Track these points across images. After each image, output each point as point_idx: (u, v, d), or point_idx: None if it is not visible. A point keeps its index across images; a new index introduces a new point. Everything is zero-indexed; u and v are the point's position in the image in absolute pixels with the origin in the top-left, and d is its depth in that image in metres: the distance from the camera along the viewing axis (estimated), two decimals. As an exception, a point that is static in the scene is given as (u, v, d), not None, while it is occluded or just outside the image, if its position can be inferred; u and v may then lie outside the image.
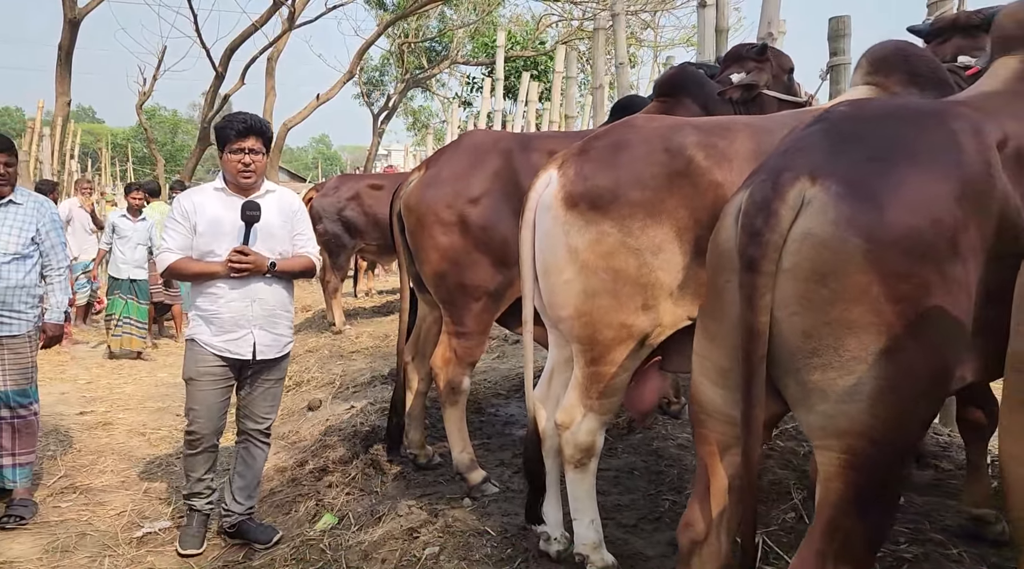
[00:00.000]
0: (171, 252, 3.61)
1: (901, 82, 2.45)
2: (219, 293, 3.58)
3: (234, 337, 3.59)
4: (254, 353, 3.60)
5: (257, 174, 3.61)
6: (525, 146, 3.46)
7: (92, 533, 4.03)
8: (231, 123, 3.64)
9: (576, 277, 2.51)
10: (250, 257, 3.50)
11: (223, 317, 3.59)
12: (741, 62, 4.02)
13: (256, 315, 3.60)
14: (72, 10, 16.76)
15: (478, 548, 2.99)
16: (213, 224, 3.56)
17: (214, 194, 3.66)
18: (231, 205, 3.59)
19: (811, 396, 1.61)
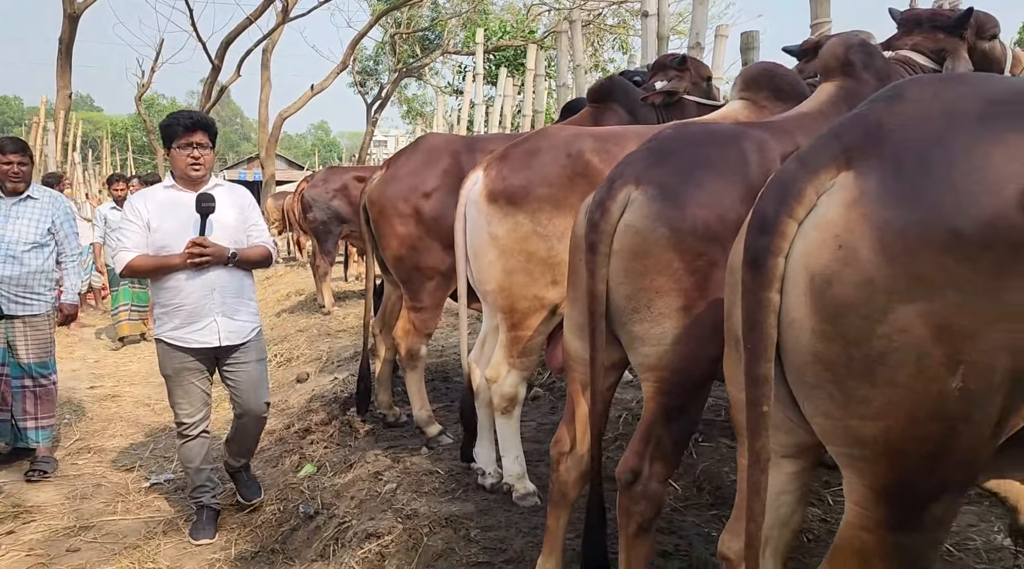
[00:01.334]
0: (127, 251, 3.64)
1: (767, 97, 3.04)
2: (179, 286, 3.64)
3: (199, 327, 3.67)
4: (220, 339, 3.69)
5: (206, 167, 3.71)
6: (471, 147, 4.05)
7: (106, 484, 4.66)
8: (178, 119, 3.72)
9: (497, 259, 3.12)
10: (209, 248, 3.56)
11: (185, 309, 3.65)
12: (664, 71, 4.59)
13: (217, 303, 3.67)
14: (71, 5, 17.26)
15: (428, 484, 3.61)
16: (167, 220, 3.62)
17: (164, 192, 3.75)
18: (183, 200, 3.66)
19: (635, 342, 2.21)
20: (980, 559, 2.49)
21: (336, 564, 3.22)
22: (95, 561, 3.65)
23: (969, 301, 1.24)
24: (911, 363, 1.26)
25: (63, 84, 17.74)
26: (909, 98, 1.40)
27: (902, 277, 1.25)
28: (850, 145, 1.35)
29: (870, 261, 1.26)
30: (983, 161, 1.27)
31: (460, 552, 2.96)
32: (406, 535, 3.16)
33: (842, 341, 1.30)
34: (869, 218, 1.27)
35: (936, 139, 1.31)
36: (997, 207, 1.24)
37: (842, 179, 1.33)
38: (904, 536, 1.40)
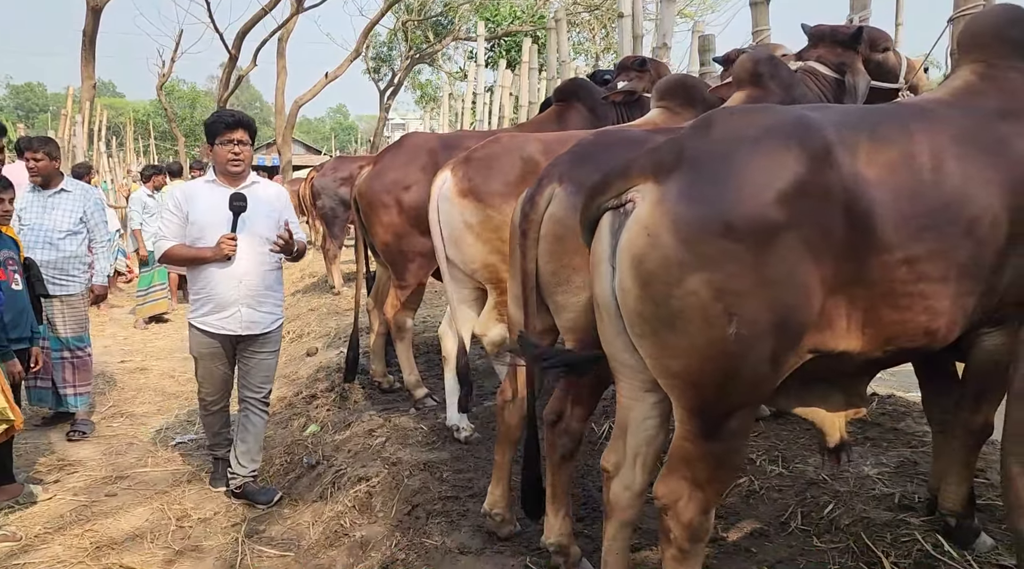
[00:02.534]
0: (166, 240, 3.92)
1: (681, 105, 3.54)
2: (210, 276, 3.90)
3: (225, 315, 3.93)
4: (241, 327, 3.95)
5: (245, 163, 3.95)
6: (447, 146, 4.58)
7: (137, 443, 5.29)
8: (221, 118, 3.96)
9: (475, 243, 3.68)
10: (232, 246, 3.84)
11: (214, 298, 3.91)
12: (627, 71, 5.08)
13: (243, 295, 3.92)
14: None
15: (412, 437, 4.19)
16: (203, 214, 3.88)
17: (205, 186, 3.99)
18: (221, 195, 3.89)
19: (559, 309, 2.75)
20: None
21: (333, 503, 3.82)
22: (129, 504, 4.27)
23: (739, 272, 1.77)
24: (699, 317, 1.80)
25: (87, 74, 18.43)
26: (713, 126, 1.92)
27: (691, 255, 1.78)
28: (661, 161, 1.88)
29: (668, 244, 1.79)
30: (750, 174, 1.79)
31: (433, 490, 3.54)
32: (390, 478, 3.74)
33: (652, 302, 1.83)
34: (668, 214, 1.80)
35: (722, 157, 1.83)
36: (758, 206, 1.77)
37: (651, 186, 1.86)
38: (711, 444, 1.94)
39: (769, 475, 3.18)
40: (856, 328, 1.91)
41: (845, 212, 1.83)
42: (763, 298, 1.79)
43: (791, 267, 1.80)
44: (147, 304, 9.43)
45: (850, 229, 1.83)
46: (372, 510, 3.57)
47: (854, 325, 1.90)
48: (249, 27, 19.00)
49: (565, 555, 2.69)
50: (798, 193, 1.79)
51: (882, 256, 1.85)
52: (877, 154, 1.89)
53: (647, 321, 1.88)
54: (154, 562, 3.61)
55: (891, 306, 1.89)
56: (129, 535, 3.89)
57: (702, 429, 1.93)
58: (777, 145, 1.83)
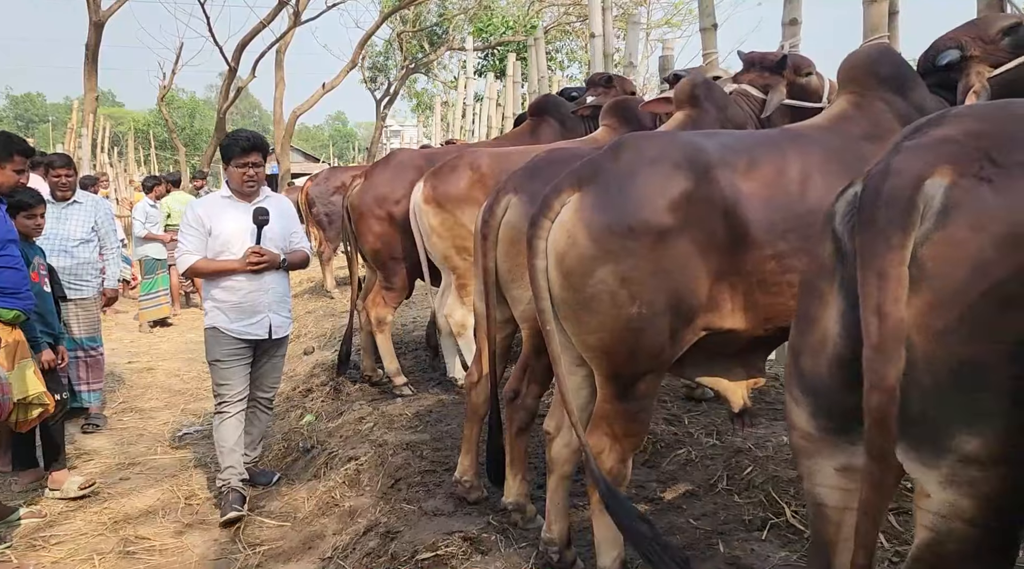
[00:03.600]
0: (191, 254, 4.12)
1: (620, 124, 4.05)
2: (237, 286, 4.12)
3: (253, 321, 4.15)
4: (270, 332, 4.21)
5: (258, 184, 4.21)
6: (431, 161, 5.04)
7: (146, 434, 5.74)
8: (236, 141, 4.16)
9: (439, 240, 4.19)
10: (266, 256, 4.10)
11: (243, 305, 4.13)
12: (595, 87, 5.56)
13: (270, 301, 4.19)
14: (96, 13, 18.41)
15: (397, 422, 4.63)
16: (225, 227, 4.11)
17: (223, 201, 4.22)
18: (240, 210, 4.14)
19: (515, 302, 3.19)
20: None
21: (325, 480, 4.26)
22: (142, 486, 4.71)
23: (639, 265, 2.23)
24: (608, 300, 2.25)
25: (90, 87, 18.91)
26: (623, 149, 2.38)
27: (601, 251, 2.23)
28: (583, 176, 2.34)
29: (584, 243, 2.25)
30: (648, 187, 2.25)
31: (414, 465, 3.98)
32: (377, 457, 4.19)
33: (572, 289, 2.29)
34: (583, 219, 2.26)
35: (628, 174, 2.29)
36: (653, 212, 2.23)
37: (575, 196, 2.32)
38: (625, 403, 2.39)
39: (704, 446, 3.64)
40: (739, 310, 2.36)
41: (724, 217, 2.29)
42: (659, 285, 2.24)
43: (681, 260, 2.25)
44: (150, 309, 9.88)
45: (729, 231, 2.29)
46: (360, 485, 4.02)
47: (737, 308, 2.36)
48: (248, 40, 19.48)
49: (522, 512, 3.14)
50: (685, 202, 2.25)
51: (755, 252, 2.31)
52: (753, 171, 2.34)
53: (569, 305, 2.33)
54: (166, 533, 4.06)
55: (765, 292, 2.34)
56: (143, 512, 4.34)
57: (617, 392, 2.39)
58: (670, 165, 2.29)
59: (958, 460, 1.27)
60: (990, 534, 1.28)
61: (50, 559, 3.78)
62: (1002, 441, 1.23)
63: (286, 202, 4.57)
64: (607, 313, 2.27)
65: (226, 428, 4.24)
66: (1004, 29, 2.70)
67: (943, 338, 1.26)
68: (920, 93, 2.69)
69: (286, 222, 4.35)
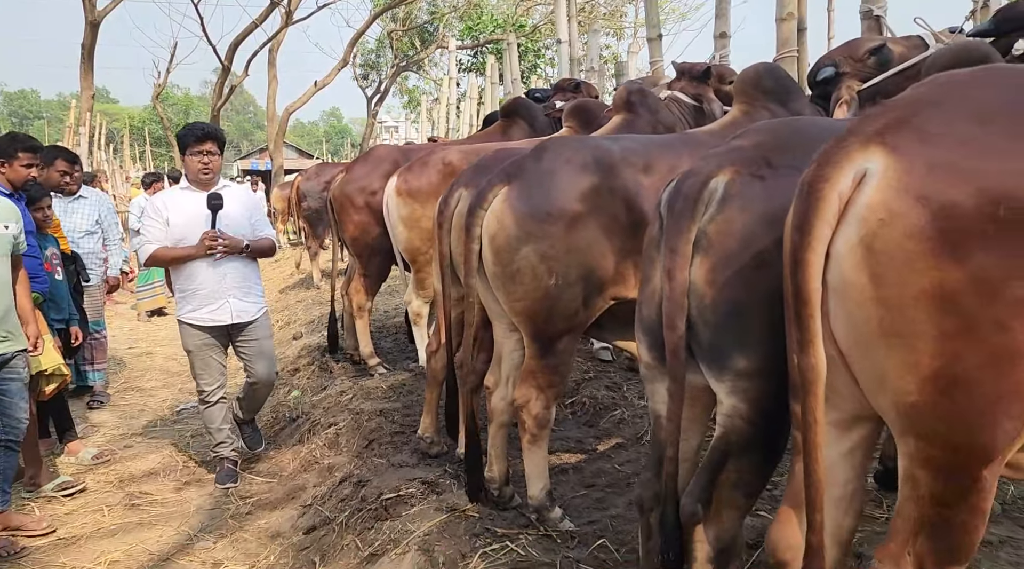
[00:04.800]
0: (150, 243, 4.23)
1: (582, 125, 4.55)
2: (196, 272, 4.22)
3: (214, 307, 4.26)
4: (232, 316, 4.31)
5: (214, 172, 4.28)
6: (406, 156, 5.54)
7: (147, 410, 6.26)
8: (191, 131, 4.26)
9: (404, 230, 4.69)
10: (226, 240, 4.18)
11: (202, 292, 4.22)
12: (563, 92, 6.07)
13: (229, 286, 4.27)
14: (92, 12, 18.84)
15: (374, 394, 5.14)
16: (183, 216, 4.20)
17: (181, 192, 4.35)
18: (196, 199, 4.23)
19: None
20: None
21: (308, 444, 4.78)
22: (144, 452, 5.22)
23: (555, 244, 2.74)
24: (530, 273, 2.77)
25: (86, 85, 19.34)
26: (546, 151, 2.89)
27: (523, 233, 2.75)
28: (510, 173, 2.86)
29: (510, 227, 2.77)
30: (563, 181, 2.77)
31: (386, 429, 4.49)
32: (353, 422, 4.70)
33: (501, 265, 2.81)
34: (511, 207, 2.78)
35: (547, 171, 2.81)
36: (567, 201, 2.74)
37: (504, 189, 2.83)
38: (547, 359, 2.91)
39: (636, 407, 4.16)
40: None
41: (626, 205, 2.80)
42: (572, 261, 2.76)
43: (590, 241, 2.77)
44: (147, 299, 10.39)
45: (630, 217, 2.80)
46: (338, 446, 4.54)
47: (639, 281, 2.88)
48: (241, 39, 19.94)
49: (474, 461, 3.66)
50: (593, 194, 2.77)
51: (651, 234, 2.83)
52: (650, 168, 2.86)
53: (499, 278, 2.85)
54: (167, 490, 4.58)
55: (660, 267, 2.86)
56: (145, 473, 4.85)
57: (540, 350, 2.91)
58: (580, 164, 2.80)
59: (735, 375, 1.79)
60: (759, 429, 1.80)
61: (64, 511, 4.29)
62: (762, 360, 1.75)
63: (245, 190, 4.88)
64: (529, 284, 2.79)
65: (211, 413, 4.49)
66: (871, 50, 3.22)
67: (722, 289, 1.78)
68: (799, 103, 3.21)
69: (246, 210, 4.44)
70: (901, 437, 1.48)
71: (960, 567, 1.48)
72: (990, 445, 1.40)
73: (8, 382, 3.70)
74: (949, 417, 1.41)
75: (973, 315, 1.36)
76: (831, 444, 1.63)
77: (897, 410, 1.46)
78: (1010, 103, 1.43)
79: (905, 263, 1.39)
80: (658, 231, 1.95)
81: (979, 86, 1.49)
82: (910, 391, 1.42)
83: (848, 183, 1.45)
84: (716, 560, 1.87)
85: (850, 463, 1.65)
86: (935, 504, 1.45)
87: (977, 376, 1.38)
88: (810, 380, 1.50)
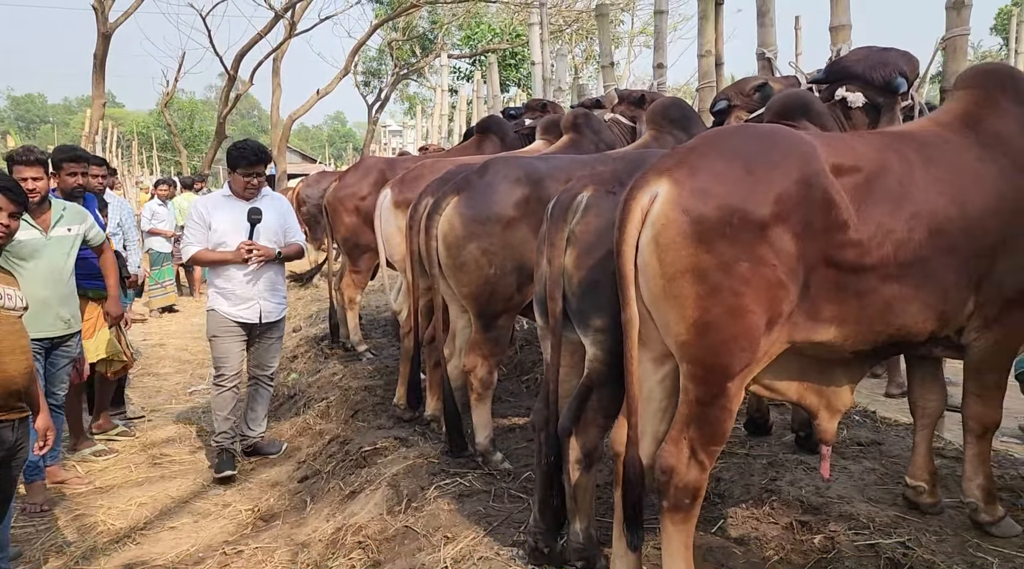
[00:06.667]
0: (192, 245, 4.68)
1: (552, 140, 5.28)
2: (232, 275, 4.65)
3: (246, 306, 4.69)
4: (260, 317, 4.73)
5: (258, 190, 4.76)
6: (392, 167, 6.32)
7: (162, 391, 7.05)
8: (244, 154, 4.64)
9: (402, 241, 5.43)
10: (260, 249, 4.62)
11: (237, 292, 4.66)
12: (532, 111, 6.83)
13: (260, 290, 4.70)
14: (104, 24, 19.69)
15: (361, 374, 5.92)
16: (224, 222, 4.65)
17: (223, 200, 4.79)
18: (237, 208, 4.69)
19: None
20: None
21: (303, 416, 5.56)
22: (162, 424, 6.01)
23: (494, 242, 3.52)
24: (473, 263, 3.54)
25: (97, 94, 20.16)
26: (488, 167, 3.67)
27: (469, 233, 3.53)
28: (460, 185, 3.63)
29: (457, 228, 3.54)
30: (500, 193, 3.54)
31: (370, 401, 5.27)
32: (342, 397, 5.48)
33: (451, 258, 3.58)
34: (459, 212, 3.55)
35: (489, 184, 3.58)
36: (503, 208, 3.52)
37: (455, 198, 3.61)
38: (489, 333, 3.68)
39: (579, 381, 4.93)
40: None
41: (549, 212, 3.57)
42: (508, 255, 3.53)
43: (523, 239, 3.54)
44: (158, 297, 11.20)
45: (552, 221, 3.57)
46: (329, 416, 5.31)
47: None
48: (246, 49, 20.72)
49: (437, 422, 4.43)
50: (524, 202, 3.54)
51: (568, 234, 3.59)
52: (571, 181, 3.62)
53: (450, 268, 3.63)
54: (183, 452, 5.37)
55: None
56: (165, 440, 5.64)
57: (483, 326, 3.68)
58: (515, 178, 3.58)
59: (594, 331, 2.56)
60: (611, 368, 2.55)
61: (98, 468, 5.07)
62: (611, 320, 2.50)
63: (283, 201, 5.20)
64: (473, 273, 3.57)
65: (223, 399, 4.77)
66: (755, 86, 3.98)
67: (584, 271, 2.55)
68: (698, 129, 3.97)
69: (281, 219, 4.87)
70: (680, 363, 2.26)
71: (716, 446, 2.26)
72: (731, 367, 2.18)
73: (60, 358, 4.45)
74: (705, 349, 2.18)
75: (717, 284, 2.14)
76: (649, 374, 2.40)
77: (676, 345, 2.23)
78: (747, 150, 2.22)
79: (677, 251, 2.16)
80: (544, 231, 2.72)
81: (730, 138, 2.28)
82: (681, 333, 2.20)
83: (647, 200, 2.23)
84: (583, 461, 2.63)
85: (663, 387, 2.42)
86: (698, 405, 2.23)
87: (721, 323, 2.16)
88: (629, 329, 2.27)
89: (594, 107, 5.37)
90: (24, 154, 4.33)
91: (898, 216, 2.37)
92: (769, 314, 2.22)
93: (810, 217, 2.24)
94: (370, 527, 3.48)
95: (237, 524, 4.17)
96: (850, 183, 2.35)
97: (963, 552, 2.50)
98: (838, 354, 2.48)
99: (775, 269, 2.20)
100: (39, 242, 4.27)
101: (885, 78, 3.18)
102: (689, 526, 2.33)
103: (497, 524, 3.19)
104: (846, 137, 2.60)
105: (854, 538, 2.61)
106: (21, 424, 3.12)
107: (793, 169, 2.25)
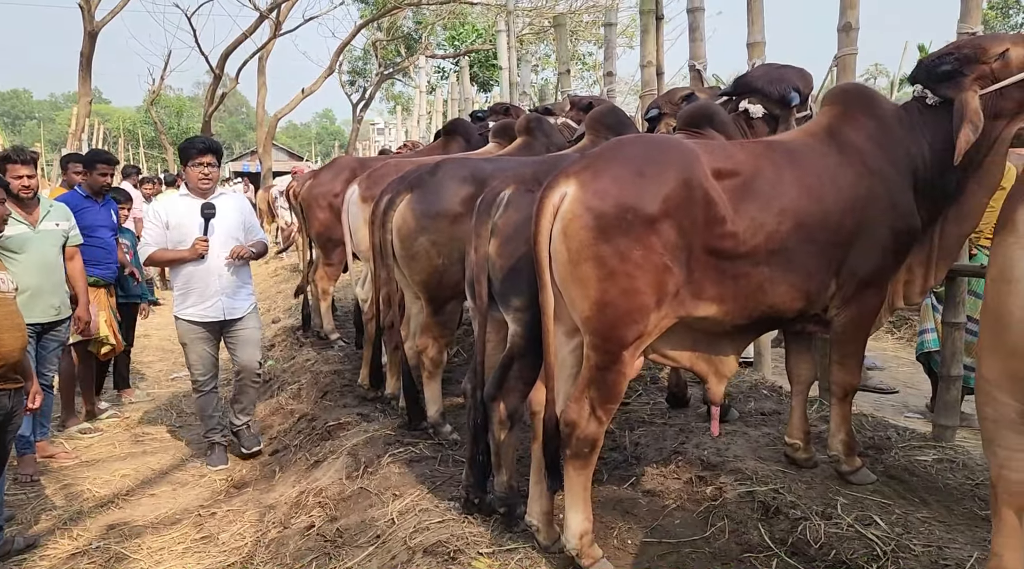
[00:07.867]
0: (149, 245, 4.68)
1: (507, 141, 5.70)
2: (190, 272, 4.65)
3: (207, 305, 4.68)
4: (224, 314, 4.72)
5: (212, 182, 4.72)
6: (363, 166, 6.71)
7: (145, 378, 7.43)
8: (193, 144, 4.68)
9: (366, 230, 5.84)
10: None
11: (196, 290, 4.66)
12: (496, 114, 7.24)
13: (221, 286, 4.70)
14: (91, 23, 19.94)
15: (332, 360, 6.32)
16: (181, 221, 4.64)
17: (180, 199, 4.77)
18: (193, 206, 4.66)
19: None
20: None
21: (277, 398, 5.96)
22: (144, 407, 6.40)
23: (442, 235, 3.93)
24: (424, 254, 3.96)
25: (84, 92, 20.43)
26: (439, 167, 4.08)
27: (419, 226, 3.94)
28: (412, 183, 4.04)
29: (410, 222, 3.96)
30: (449, 191, 3.96)
31: (337, 383, 5.67)
32: (312, 380, 5.89)
33: (404, 249, 4.00)
34: (411, 208, 3.96)
35: (438, 182, 4.00)
36: (451, 204, 3.94)
37: (408, 195, 4.02)
38: (439, 317, 4.10)
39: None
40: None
41: (492, 208, 3.99)
42: (454, 247, 3.94)
43: (468, 232, 3.95)
44: (150, 290, 11.58)
45: (495, 216, 3.99)
46: (300, 397, 5.72)
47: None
48: (232, 49, 21.01)
49: (397, 399, 4.83)
50: (470, 199, 3.93)
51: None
52: (511, 181, 4.04)
53: (403, 258, 4.04)
54: (164, 430, 5.79)
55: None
56: (147, 420, 6.04)
57: (433, 311, 4.09)
58: (462, 177, 3.99)
59: (514, 310, 2.98)
60: (529, 342, 2.96)
61: (84, 444, 5.46)
62: (528, 300, 2.92)
63: (242, 199, 5.26)
64: (424, 263, 3.98)
65: (205, 401, 4.90)
66: (683, 96, 4.41)
67: (505, 257, 2.97)
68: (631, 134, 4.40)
69: (240, 216, 4.89)
70: (584, 335, 2.68)
71: (612, 405, 2.69)
72: (625, 338, 2.61)
73: (51, 341, 4.83)
74: (604, 323, 2.61)
75: (614, 269, 2.56)
76: (563, 345, 2.82)
77: (581, 320, 2.66)
78: (640, 157, 2.65)
79: (581, 241, 2.59)
80: (472, 224, 3.14)
81: (628, 147, 2.72)
82: (585, 309, 2.62)
83: (557, 198, 2.65)
84: (506, 422, 3.05)
85: (574, 356, 2.84)
86: (598, 370, 2.65)
87: (617, 302, 2.58)
88: (545, 307, 2.69)
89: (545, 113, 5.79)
90: (18, 153, 4.73)
91: (768, 212, 2.80)
92: (658, 294, 2.64)
93: (692, 213, 2.67)
94: (330, 490, 3.89)
95: (212, 491, 4.57)
96: (729, 185, 2.78)
97: (824, 496, 2.94)
98: (722, 328, 2.91)
99: (662, 256, 2.62)
100: (28, 235, 4.65)
101: (781, 92, 3.61)
102: (588, 471, 2.75)
103: (440, 483, 3.61)
104: (727, 145, 3.02)
105: (737, 488, 3.04)
106: (16, 393, 3.52)
107: (678, 173, 2.68)
